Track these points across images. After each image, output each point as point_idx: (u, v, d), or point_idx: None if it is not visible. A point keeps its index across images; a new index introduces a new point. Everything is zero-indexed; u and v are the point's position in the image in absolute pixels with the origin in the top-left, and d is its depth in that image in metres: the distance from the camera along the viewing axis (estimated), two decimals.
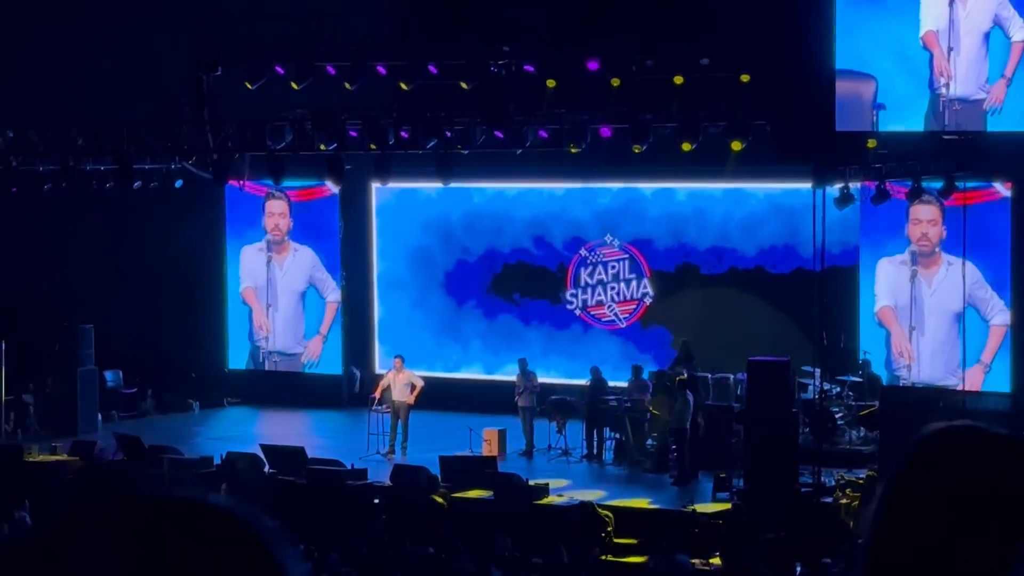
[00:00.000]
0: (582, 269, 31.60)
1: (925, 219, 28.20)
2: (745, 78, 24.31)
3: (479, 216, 32.37)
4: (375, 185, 32.11)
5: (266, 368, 34.41)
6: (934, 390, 26.78)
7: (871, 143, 23.18)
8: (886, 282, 28.69)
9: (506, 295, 32.18)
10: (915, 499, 2.14)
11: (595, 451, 26.96)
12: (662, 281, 30.88)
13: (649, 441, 26.65)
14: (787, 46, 23.30)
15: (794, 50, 23.24)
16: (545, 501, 23.22)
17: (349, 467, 24.69)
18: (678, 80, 24.73)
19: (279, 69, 25.96)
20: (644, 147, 25.10)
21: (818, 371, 25.47)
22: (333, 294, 33.78)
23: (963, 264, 26.59)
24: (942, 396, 25.92)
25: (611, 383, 27.71)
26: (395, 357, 28.45)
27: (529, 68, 25.38)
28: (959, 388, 26.62)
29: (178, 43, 27.63)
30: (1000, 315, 27.80)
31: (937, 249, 28.29)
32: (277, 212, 34.10)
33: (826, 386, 25.90)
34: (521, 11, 27.05)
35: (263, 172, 28.42)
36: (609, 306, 31.39)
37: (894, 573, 2.12)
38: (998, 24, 22.52)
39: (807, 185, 24.73)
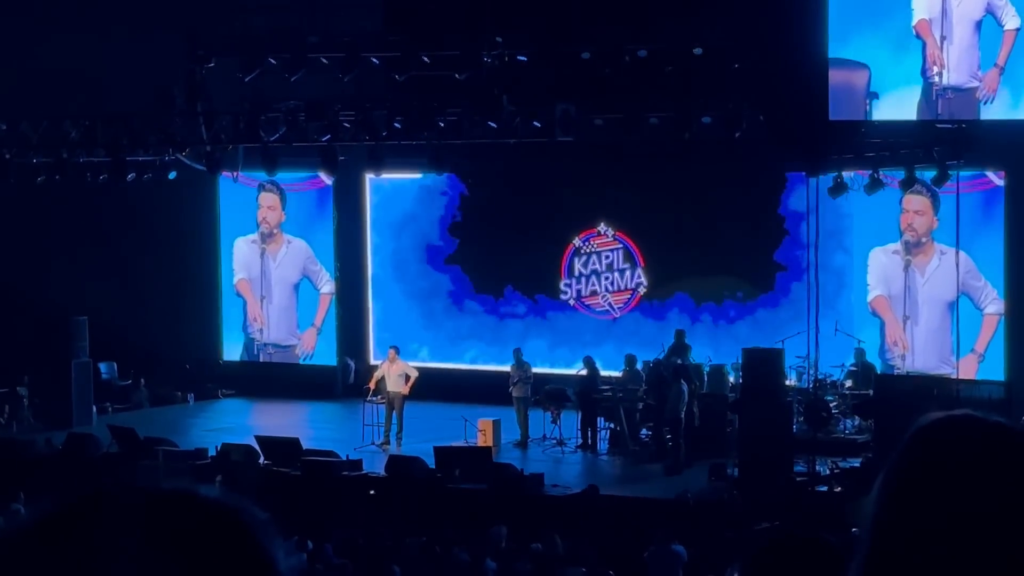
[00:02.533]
0: (576, 259, 31.60)
1: (912, 209, 28.27)
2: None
3: (472, 206, 32.35)
4: (369, 176, 32.12)
5: (260, 360, 34.42)
6: (928, 379, 26.80)
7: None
8: (879, 272, 28.73)
9: (500, 285, 32.17)
10: (915, 489, 2.15)
11: (589, 441, 26.98)
12: (655, 270, 30.88)
13: (643, 431, 26.68)
14: (780, 35, 23.29)
15: (787, 39, 23.23)
16: (540, 492, 23.24)
17: (344, 458, 24.70)
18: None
19: (272, 61, 25.93)
20: (638, 136, 25.12)
21: (813, 359, 25.48)
22: (327, 286, 33.79)
23: (956, 253, 26.60)
24: (936, 384, 25.94)
25: (606, 373, 27.76)
26: (390, 348, 28.45)
27: (522, 58, 25.35)
28: (953, 376, 26.64)
29: (171, 35, 27.59)
30: (993, 304, 27.82)
31: (926, 239, 28.33)
32: (266, 205, 34.10)
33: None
34: (514, 2, 27.02)
35: (257, 164, 28.41)
36: (603, 296, 31.40)
37: (895, 563, 2.13)
38: (990, 13, 22.50)
39: (800, 174, 24.78)
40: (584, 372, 27.29)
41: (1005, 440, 2.17)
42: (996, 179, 27.65)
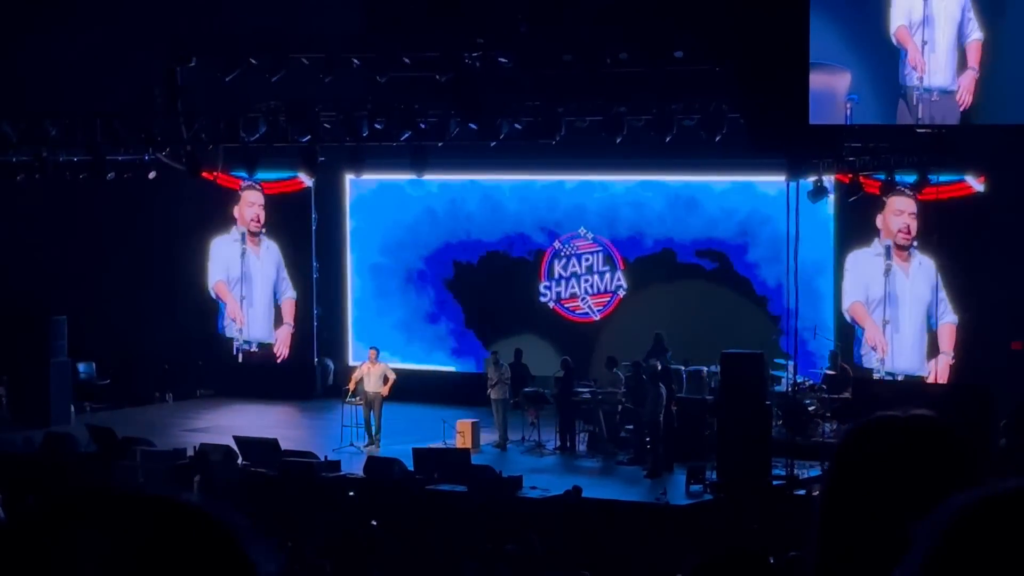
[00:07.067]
0: (556, 261, 31.60)
1: (907, 211, 28.18)
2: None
3: (453, 208, 32.33)
4: (349, 177, 32.13)
5: (240, 360, 34.34)
6: (905, 381, 26.87)
7: None
8: (858, 277, 28.71)
9: (480, 287, 32.14)
10: (845, 491, 2.25)
11: (568, 443, 26.98)
12: (635, 273, 30.91)
13: (622, 433, 26.69)
14: (761, 39, 23.31)
15: (768, 43, 23.25)
16: (519, 494, 23.25)
17: (323, 459, 24.69)
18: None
19: (253, 61, 25.91)
20: (619, 139, 25.16)
21: (791, 363, 25.54)
22: (289, 292, 33.69)
23: (933, 258, 26.68)
24: (913, 387, 26.01)
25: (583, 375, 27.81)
26: (369, 349, 28.44)
27: (503, 60, 25.36)
28: (929, 379, 26.76)
29: (152, 35, 27.56)
30: (950, 314, 27.78)
31: (915, 241, 28.38)
32: (258, 203, 33.98)
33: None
34: (495, 2, 27.03)
35: (237, 164, 28.38)
36: (583, 298, 31.39)
37: (839, 560, 2.21)
38: (962, 21, 22.57)
39: (780, 178, 24.86)
40: (562, 374, 27.29)
41: (915, 437, 2.26)
42: (975, 184, 27.67)
